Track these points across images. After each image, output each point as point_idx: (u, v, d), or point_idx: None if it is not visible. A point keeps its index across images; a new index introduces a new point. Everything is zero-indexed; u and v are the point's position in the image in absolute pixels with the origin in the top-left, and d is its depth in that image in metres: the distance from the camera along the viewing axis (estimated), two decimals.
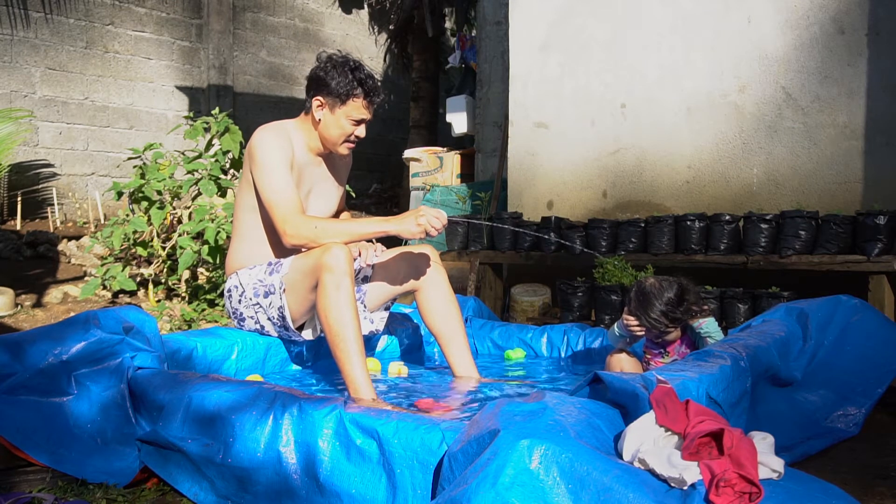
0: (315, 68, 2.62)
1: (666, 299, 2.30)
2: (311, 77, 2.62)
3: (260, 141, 2.56)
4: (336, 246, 2.35)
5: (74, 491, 1.80)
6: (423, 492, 1.52)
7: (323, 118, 2.61)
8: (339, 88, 2.56)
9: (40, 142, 6.72)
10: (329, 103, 2.59)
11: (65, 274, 5.20)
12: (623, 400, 1.59)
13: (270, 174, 2.52)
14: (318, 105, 2.60)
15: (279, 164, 2.53)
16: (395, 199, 8.92)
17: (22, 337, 2.07)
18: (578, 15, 4.45)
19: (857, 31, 3.62)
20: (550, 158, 4.56)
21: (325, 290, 2.31)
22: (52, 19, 6.78)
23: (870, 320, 2.54)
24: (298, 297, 2.49)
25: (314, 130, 2.66)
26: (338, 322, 2.28)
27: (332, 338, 2.30)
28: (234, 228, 2.74)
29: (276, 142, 2.56)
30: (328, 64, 2.59)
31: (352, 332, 2.29)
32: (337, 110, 2.58)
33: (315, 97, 2.60)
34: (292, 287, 2.49)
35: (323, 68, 2.59)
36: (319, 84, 2.58)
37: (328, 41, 9.23)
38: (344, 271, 2.31)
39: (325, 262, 2.33)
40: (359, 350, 2.28)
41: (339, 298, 2.30)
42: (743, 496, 1.28)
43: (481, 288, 4.39)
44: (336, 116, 2.59)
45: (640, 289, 2.35)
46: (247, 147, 2.62)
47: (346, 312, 2.29)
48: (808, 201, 3.70)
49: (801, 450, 2.04)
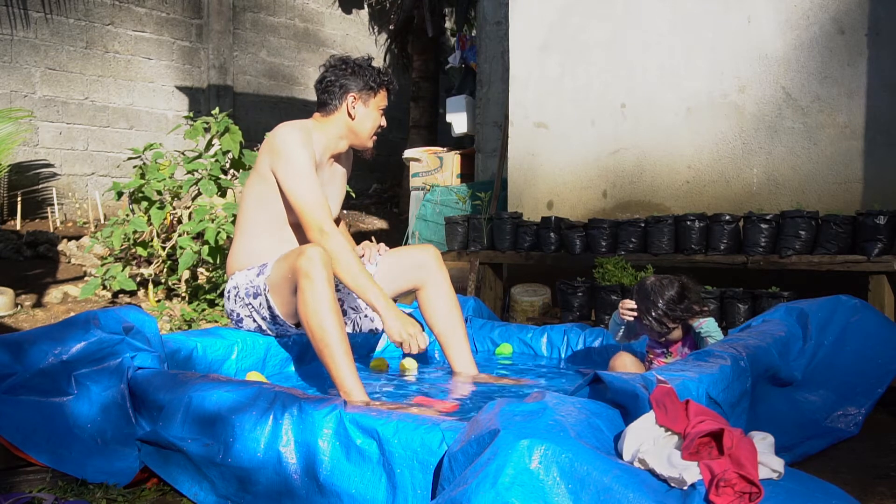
0: (339, 71, 2.69)
1: (668, 297, 2.30)
2: (336, 79, 2.68)
3: (290, 139, 2.56)
4: (311, 248, 2.32)
5: (74, 491, 1.80)
6: (423, 492, 1.52)
7: (357, 113, 2.70)
8: (371, 81, 2.69)
9: (40, 142, 6.72)
10: (363, 97, 2.70)
11: (65, 274, 5.21)
12: (623, 400, 1.59)
13: (302, 176, 2.52)
14: (353, 101, 2.69)
15: (310, 166, 2.55)
16: (395, 199, 8.92)
17: (22, 337, 2.07)
18: (578, 15, 4.45)
19: (857, 31, 3.62)
20: (550, 158, 4.56)
21: (304, 296, 2.27)
22: (52, 19, 6.78)
23: (870, 320, 2.54)
24: (282, 300, 2.49)
25: (339, 130, 2.71)
26: (319, 327, 2.24)
27: (315, 343, 2.27)
28: (238, 227, 2.72)
29: (304, 141, 2.57)
30: (351, 63, 2.71)
31: (335, 335, 2.24)
32: (370, 102, 2.71)
33: (348, 94, 2.68)
34: (275, 289, 2.49)
35: (350, 67, 2.70)
36: (351, 82, 2.68)
37: (328, 41, 9.23)
38: (320, 275, 2.26)
39: (301, 267, 2.29)
40: (344, 352, 2.24)
41: (318, 303, 2.24)
42: (743, 496, 1.28)
43: (481, 288, 4.39)
44: (369, 108, 2.71)
45: (642, 287, 2.36)
46: (270, 142, 2.61)
47: (326, 317, 2.24)
48: (808, 201, 3.70)
49: (801, 450, 2.04)
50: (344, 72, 2.68)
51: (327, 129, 2.70)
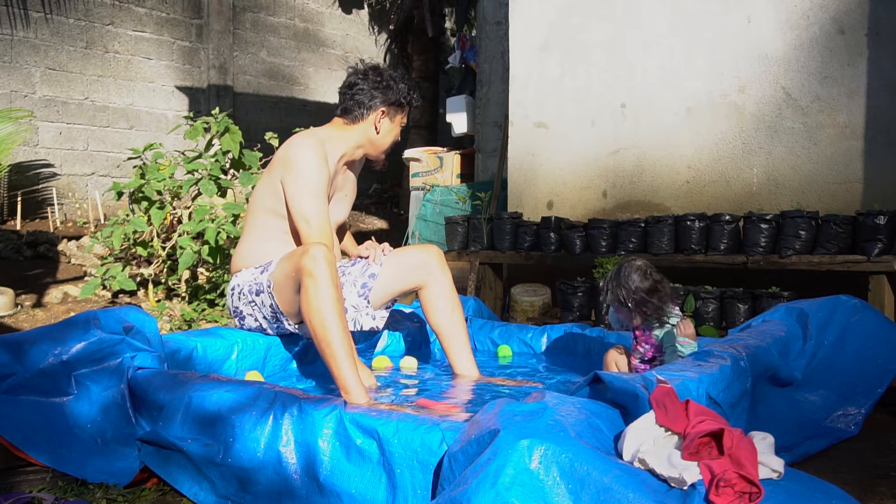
0: (373, 82, 2.64)
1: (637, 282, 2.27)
2: (370, 88, 2.63)
3: (305, 156, 2.52)
4: (315, 247, 2.29)
5: (74, 491, 1.80)
6: (423, 492, 1.52)
7: (383, 128, 2.68)
8: (402, 98, 2.66)
9: (40, 142, 6.72)
10: (391, 113, 2.67)
11: (65, 274, 5.21)
12: (623, 400, 1.59)
13: (311, 196, 2.49)
14: (381, 115, 2.66)
15: (321, 187, 2.52)
16: (395, 199, 8.92)
17: (22, 337, 2.07)
18: (578, 15, 4.45)
19: (857, 31, 3.62)
20: (550, 158, 4.56)
21: (307, 295, 2.25)
22: (52, 19, 6.78)
23: (870, 320, 2.54)
24: (286, 298, 2.48)
25: (359, 140, 2.69)
26: (322, 326, 2.23)
27: (317, 342, 2.26)
28: (246, 227, 2.70)
29: (320, 161, 2.53)
30: (386, 75, 2.66)
31: (337, 335, 2.22)
32: (396, 118, 2.69)
33: (378, 108, 2.64)
34: (279, 287, 2.48)
35: (385, 81, 2.64)
36: (382, 96, 2.63)
37: (328, 41, 9.23)
38: (324, 274, 2.25)
39: (305, 266, 2.27)
40: (347, 352, 2.22)
41: (322, 302, 2.23)
42: (743, 496, 1.28)
43: (481, 288, 4.39)
44: (394, 124, 2.70)
45: (621, 266, 2.34)
46: (283, 154, 2.57)
47: (329, 316, 2.23)
48: (808, 201, 3.70)
49: (801, 450, 2.04)
50: (378, 83, 2.63)
51: (348, 137, 2.68)
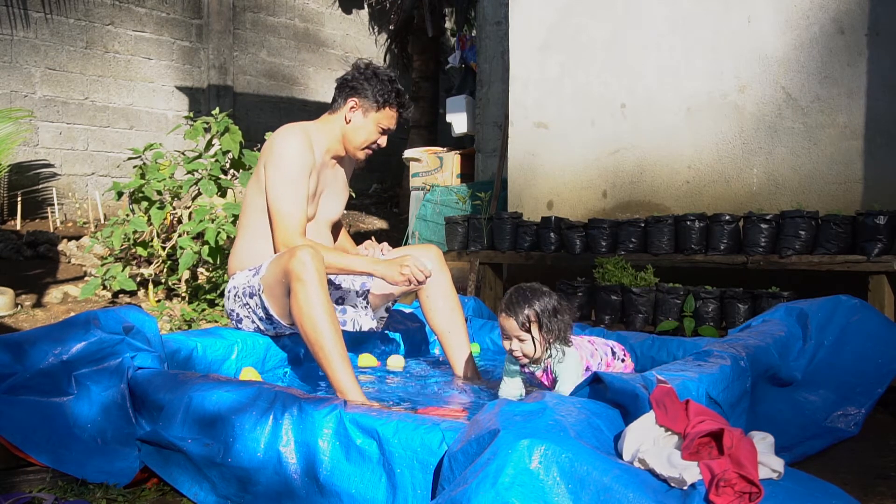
0: (355, 72, 2.67)
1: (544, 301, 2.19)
2: (350, 79, 2.67)
3: (286, 144, 2.54)
4: (302, 250, 2.29)
5: (74, 491, 1.80)
6: (423, 492, 1.52)
7: (353, 120, 2.67)
8: (378, 95, 2.64)
9: (40, 142, 6.72)
10: (364, 107, 2.66)
11: (65, 274, 5.20)
12: (623, 400, 1.59)
13: (287, 183, 2.51)
14: (353, 107, 2.66)
15: (300, 175, 2.53)
16: (395, 199, 8.92)
17: (22, 337, 2.07)
18: (578, 15, 4.45)
19: (857, 31, 3.62)
20: (550, 158, 4.56)
21: (297, 300, 2.25)
22: (52, 19, 6.78)
23: (870, 320, 2.54)
24: (277, 301, 2.47)
25: (337, 132, 2.70)
26: (313, 330, 2.23)
27: (310, 346, 2.27)
28: (240, 227, 2.71)
29: (301, 148, 2.55)
30: (369, 70, 2.67)
31: (329, 337, 2.22)
32: (370, 115, 2.67)
33: (351, 98, 2.66)
34: (269, 290, 2.48)
35: (364, 73, 2.66)
36: (359, 87, 2.65)
37: (328, 41, 9.23)
38: (312, 278, 2.24)
39: (293, 269, 2.27)
40: (340, 354, 2.22)
41: (311, 306, 2.23)
42: (743, 496, 1.28)
43: (481, 288, 4.39)
44: (367, 121, 2.67)
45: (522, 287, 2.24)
46: (267, 144, 2.61)
47: (320, 319, 2.22)
48: (808, 201, 3.70)
49: (801, 450, 2.05)
50: (361, 76, 2.66)
51: (329, 128, 2.70)
